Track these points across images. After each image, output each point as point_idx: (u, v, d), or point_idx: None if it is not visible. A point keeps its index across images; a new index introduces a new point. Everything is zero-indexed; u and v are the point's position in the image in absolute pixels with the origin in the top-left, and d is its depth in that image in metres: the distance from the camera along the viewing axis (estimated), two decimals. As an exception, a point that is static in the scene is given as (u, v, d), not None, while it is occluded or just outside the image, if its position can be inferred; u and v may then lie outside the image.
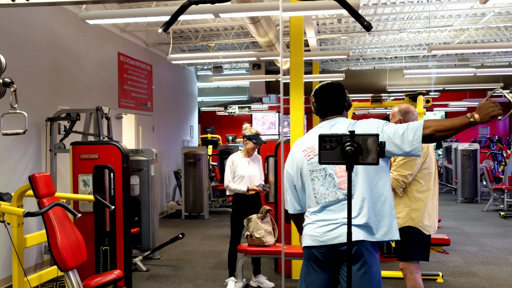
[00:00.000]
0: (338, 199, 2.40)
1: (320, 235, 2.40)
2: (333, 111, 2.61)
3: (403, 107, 3.64)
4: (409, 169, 3.40)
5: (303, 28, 5.66)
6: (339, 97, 2.62)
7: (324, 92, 2.64)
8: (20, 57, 5.53)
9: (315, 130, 2.61)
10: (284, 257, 3.80)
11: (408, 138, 2.33)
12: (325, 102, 2.62)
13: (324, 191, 2.44)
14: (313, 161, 2.48)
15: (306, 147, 2.55)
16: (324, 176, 2.45)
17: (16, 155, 5.47)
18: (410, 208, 3.44)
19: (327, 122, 2.59)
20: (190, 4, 2.17)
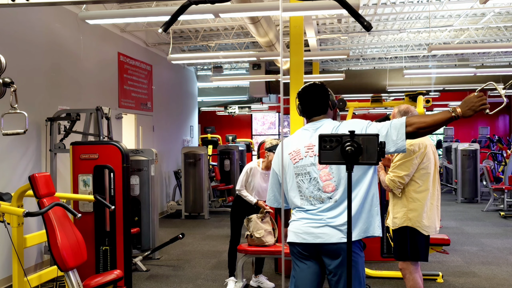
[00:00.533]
0: (323, 202, 2.47)
1: (303, 233, 2.49)
2: (317, 112, 2.64)
3: (403, 107, 3.64)
4: (405, 169, 3.40)
5: (303, 28, 5.66)
6: (323, 97, 2.65)
7: (308, 93, 2.67)
8: (20, 57, 5.53)
9: (300, 132, 2.66)
10: (284, 257, 3.80)
11: (392, 137, 2.37)
12: (309, 103, 2.65)
13: (309, 194, 2.51)
14: (298, 164, 2.55)
15: (292, 150, 2.61)
16: (309, 179, 2.52)
17: (16, 155, 5.47)
18: (407, 208, 3.44)
19: (312, 124, 2.63)
20: (190, 4, 2.17)
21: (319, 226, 2.45)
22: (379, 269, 5.31)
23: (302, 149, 2.57)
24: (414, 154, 3.40)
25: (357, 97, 14.38)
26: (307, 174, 2.52)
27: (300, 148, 2.58)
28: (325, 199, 2.47)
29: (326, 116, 2.65)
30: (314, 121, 2.65)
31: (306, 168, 2.53)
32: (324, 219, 2.45)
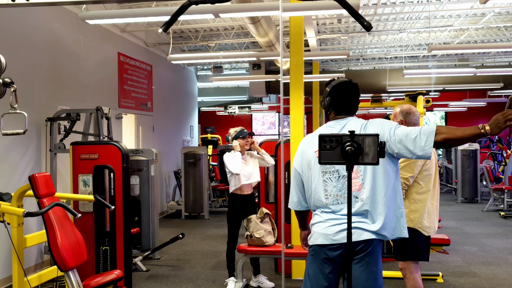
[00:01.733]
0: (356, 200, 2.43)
1: (333, 234, 2.43)
2: (349, 111, 2.61)
3: (405, 107, 3.61)
4: (410, 171, 3.39)
5: (303, 28, 5.66)
6: (356, 98, 2.64)
7: (344, 90, 2.62)
8: (20, 57, 5.53)
9: (325, 129, 2.60)
10: (284, 257, 3.80)
11: (421, 143, 2.35)
12: (345, 101, 2.61)
13: (337, 193, 2.46)
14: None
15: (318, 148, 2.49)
16: (338, 178, 2.47)
17: (16, 155, 5.47)
18: (409, 210, 3.44)
19: (337, 122, 2.58)
20: (190, 4, 2.17)
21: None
22: (379, 269, 5.31)
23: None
24: None
25: (357, 97, 14.34)
26: (336, 171, 2.47)
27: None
28: (353, 198, 2.42)
29: (351, 116, 2.63)
30: (339, 118, 2.61)
31: (335, 165, 2.45)
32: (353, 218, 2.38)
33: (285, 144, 5.35)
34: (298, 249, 4.70)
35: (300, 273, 5.20)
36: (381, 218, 2.40)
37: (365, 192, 2.42)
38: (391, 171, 2.45)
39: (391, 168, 2.45)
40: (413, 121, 3.57)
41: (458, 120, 18.24)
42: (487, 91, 14.84)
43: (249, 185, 4.90)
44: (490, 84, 12.11)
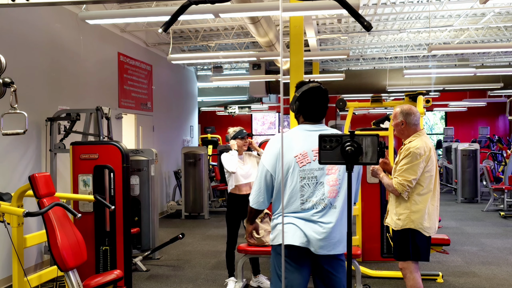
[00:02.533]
0: (325, 207, 2.49)
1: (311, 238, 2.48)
2: (316, 117, 2.65)
3: (406, 108, 3.59)
4: (413, 174, 3.38)
5: (303, 28, 5.66)
6: (325, 104, 2.70)
7: (312, 96, 2.65)
8: (20, 57, 5.53)
9: (303, 134, 2.60)
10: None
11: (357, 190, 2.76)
12: (311, 107, 2.64)
13: (313, 198, 2.50)
14: (305, 168, 2.51)
15: (298, 152, 2.55)
16: (315, 184, 2.50)
17: (16, 155, 5.47)
18: (410, 211, 3.44)
19: (314, 126, 2.62)
20: (190, 4, 2.17)
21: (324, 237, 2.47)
22: (379, 269, 5.31)
23: (309, 153, 2.53)
24: (421, 158, 3.39)
25: (357, 97, 14.38)
26: (314, 178, 2.50)
27: (307, 152, 2.54)
28: (327, 204, 2.49)
29: (320, 122, 2.69)
30: (313, 124, 2.64)
31: (314, 172, 2.51)
32: (323, 227, 2.47)
33: (285, 144, 5.34)
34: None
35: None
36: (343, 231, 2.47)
37: (339, 200, 2.51)
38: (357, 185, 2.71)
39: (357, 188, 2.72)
40: (414, 122, 3.56)
41: (458, 120, 18.24)
42: (487, 91, 14.84)
43: (247, 185, 4.90)
44: (490, 84, 12.11)
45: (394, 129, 3.70)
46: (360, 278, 4.52)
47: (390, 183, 3.50)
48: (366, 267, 5.25)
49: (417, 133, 3.55)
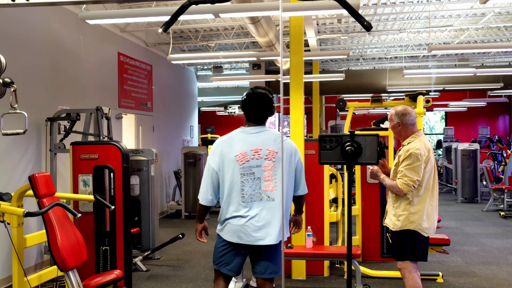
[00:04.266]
0: (262, 199, 2.83)
1: (245, 235, 2.83)
2: (257, 120, 2.97)
3: (400, 109, 3.57)
4: (416, 175, 3.38)
5: (303, 28, 5.66)
6: (264, 109, 2.97)
7: (253, 100, 2.97)
8: (20, 57, 5.52)
9: (243, 135, 2.94)
10: (284, 257, 3.80)
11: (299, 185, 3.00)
12: (251, 110, 2.96)
13: (252, 192, 2.83)
14: (245, 165, 2.85)
15: (238, 152, 2.88)
16: (253, 179, 2.84)
17: (16, 155, 5.47)
18: (409, 212, 3.44)
19: (256, 129, 2.95)
20: (190, 4, 2.17)
21: (259, 228, 2.81)
22: (379, 269, 5.31)
23: (248, 152, 2.87)
24: (422, 159, 3.39)
25: (357, 97, 14.38)
26: (252, 174, 2.83)
27: (246, 151, 2.87)
28: (263, 197, 2.83)
29: (264, 124, 3.01)
30: (254, 126, 2.96)
31: (252, 169, 2.84)
32: (261, 219, 2.81)
33: (285, 144, 5.34)
34: (298, 249, 4.71)
35: (300, 273, 5.21)
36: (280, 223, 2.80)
37: (276, 193, 2.82)
38: (293, 184, 2.95)
39: (293, 183, 2.95)
40: (410, 122, 3.54)
41: (458, 120, 18.24)
42: (487, 91, 14.84)
43: None
44: (490, 84, 12.12)
45: (392, 132, 3.70)
46: (360, 278, 4.52)
47: (394, 184, 3.46)
48: (366, 267, 5.25)
49: (415, 133, 3.54)
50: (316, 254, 4.68)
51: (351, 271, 3.46)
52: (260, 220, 2.82)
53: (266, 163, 2.84)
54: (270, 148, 2.88)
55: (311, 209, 5.27)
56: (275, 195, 2.82)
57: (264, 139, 2.88)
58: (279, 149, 2.86)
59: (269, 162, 2.84)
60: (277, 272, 2.98)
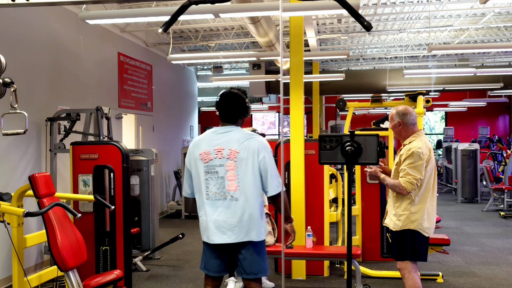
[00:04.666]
0: (226, 199, 2.90)
1: (211, 234, 2.92)
2: (228, 119, 3.03)
3: (401, 109, 3.57)
4: (419, 173, 3.38)
5: (303, 28, 5.66)
6: (235, 109, 3.03)
7: (223, 100, 3.05)
8: (20, 57, 5.53)
9: (209, 135, 3.03)
10: (284, 257, 3.80)
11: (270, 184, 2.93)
12: (222, 110, 3.04)
13: (216, 191, 2.92)
14: (208, 164, 2.95)
15: (202, 151, 2.98)
16: (217, 178, 2.92)
17: (16, 155, 5.47)
18: (409, 212, 3.43)
19: (222, 129, 3.02)
20: (190, 4, 2.17)
21: (221, 228, 2.89)
22: (379, 269, 5.31)
23: (212, 151, 2.95)
24: (424, 158, 3.39)
25: (357, 97, 14.38)
26: (216, 173, 2.92)
27: (210, 150, 2.96)
28: (227, 196, 2.89)
29: (236, 124, 3.04)
30: (225, 125, 3.03)
31: (215, 168, 2.92)
32: (224, 218, 2.88)
33: (285, 144, 5.35)
34: (298, 249, 4.71)
35: (300, 273, 5.21)
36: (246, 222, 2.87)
37: (239, 193, 2.88)
38: (259, 185, 2.93)
39: (259, 183, 2.93)
40: (411, 121, 3.55)
41: (458, 120, 18.24)
42: (487, 91, 14.83)
43: None
44: (490, 84, 12.11)
45: (393, 132, 3.69)
46: (360, 278, 4.52)
47: (396, 183, 3.44)
48: (366, 267, 5.25)
49: (416, 133, 3.55)
50: (316, 254, 4.68)
51: (351, 271, 3.46)
52: (224, 219, 2.89)
53: (228, 162, 2.91)
54: (232, 148, 2.93)
55: (311, 209, 5.27)
56: (238, 194, 2.88)
57: (229, 139, 2.94)
58: (241, 149, 2.91)
59: (231, 162, 2.91)
60: (256, 273, 2.96)
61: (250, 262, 2.94)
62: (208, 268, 3.02)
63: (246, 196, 2.88)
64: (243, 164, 2.90)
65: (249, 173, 2.90)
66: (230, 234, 2.88)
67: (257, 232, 2.92)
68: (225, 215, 2.89)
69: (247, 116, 3.13)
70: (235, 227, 2.88)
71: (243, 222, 2.88)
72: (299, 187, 5.19)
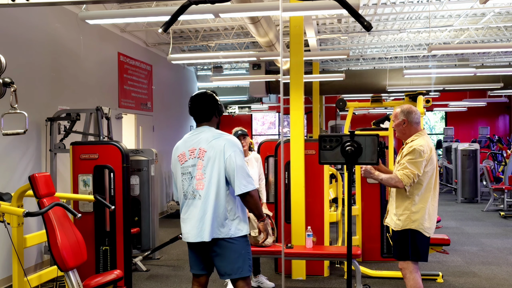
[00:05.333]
0: (195, 198, 2.97)
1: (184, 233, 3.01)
2: (200, 119, 3.10)
3: (406, 107, 3.59)
4: (417, 170, 3.37)
5: (303, 28, 5.66)
6: (208, 107, 3.08)
7: (195, 101, 3.10)
8: (20, 57, 5.53)
9: (186, 137, 3.11)
10: (284, 257, 3.80)
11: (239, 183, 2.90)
12: (195, 110, 3.10)
13: (189, 190, 3.00)
14: (183, 165, 3.02)
15: (179, 153, 3.07)
16: (190, 178, 2.99)
17: (16, 155, 5.47)
18: (410, 211, 3.43)
19: (197, 130, 3.08)
20: (190, 4, 2.17)
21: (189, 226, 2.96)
22: (379, 269, 5.31)
23: (186, 152, 3.03)
24: (424, 156, 3.38)
25: (357, 97, 14.38)
26: (189, 173, 2.99)
27: (185, 151, 3.03)
28: (196, 195, 2.96)
29: (209, 124, 3.09)
30: (199, 126, 3.09)
31: (188, 168, 3.00)
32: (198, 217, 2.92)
33: (285, 144, 5.35)
34: (298, 249, 4.71)
35: (300, 273, 5.21)
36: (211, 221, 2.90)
37: (205, 191, 2.93)
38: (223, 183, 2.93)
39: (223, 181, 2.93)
40: (415, 120, 3.57)
41: (458, 120, 18.24)
42: (487, 91, 14.83)
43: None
44: (490, 84, 12.11)
45: (396, 130, 3.69)
46: (360, 278, 4.52)
47: (392, 176, 3.43)
48: (366, 267, 5.25)
49: (419, 132, 3.56)
50: (316, 254, 4.68)
51: (351, 271, 3.46)
52: (191, 218, 2.96)
53: (198, 162, 2.97)
54: (201, 147, 2.98)
55: (311, 209, 5.27)
56: (204, 193, 2.93)
57: (199, 139, 2.99)
58: (208, 148, 2.95)
59: (200, 161, 2.96)
60: (230, 274, 2.98)
61: (221, 262, 2.98)
62: (191, 266, 3.14)
63: (211, 195, 2.91)
64: (210, 163, 2.93)
65: (215, 172, 2.92)
66: (197, 232, 2.93)
67: (226, 230, 2.93)
68: (193, 213, 2.96)
69: (222, 114, 3.16)
70: (201, 226, 2.92)
71: (207, 220, 2.90)
72: (299, 187, 5.19)
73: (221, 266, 2.99)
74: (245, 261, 3.00)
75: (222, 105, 3.17)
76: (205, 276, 3.15)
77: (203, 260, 3.08)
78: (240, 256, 2.98)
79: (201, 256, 3.07)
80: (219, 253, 2.97)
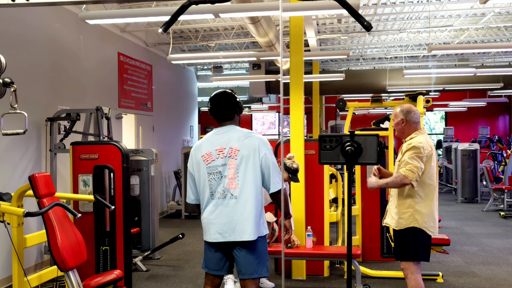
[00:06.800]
0: (225, 197, 2.93)
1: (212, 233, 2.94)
2: (223, 118, 3.08)
3: (405, 107, 3.61)
4: (419, 163, 3.36)
5: (303, 28, 5.66)
6: (231, 105, 3.07)
7: (217, 100, 3.10)
8: (20, 57, 5.52)
9: (210, 136, 3.08)
10: (284, 257, 3.80)
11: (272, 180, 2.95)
12: (215, 110, 3.10)
13: (219, 190, 2.95)
14: (210, 165, 2.98)
15: (204, 153, 3.03)
16: (220, 178, 2.96)
17: (16, 155, 5.47)
18: (414, 209, 3.43)
19: (221, 129, 3.07)
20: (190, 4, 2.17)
21: (221, 226, 2.91)
22: (379, 269, 5.31)
23: (213, 152, 2.99)
24: (424, 152, 3.39)
25: (357, 97, 14.38)
26: (219, 173, 2.95)
27: (211, 151, 3.00)
28: (227, 195, 2.92)
29: (232, 122, 3.09)
30: (223, 126, 3.08)
31: (218, 167, 2.96)
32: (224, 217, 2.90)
33: (285, 144, 5.35)
34: (298, 249, 4.71)
35: (300, 273, 5.21)
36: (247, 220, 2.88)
37: (238, 191, 2.90)
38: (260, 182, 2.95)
39: (260, 180, 2.95)
40: (414, 120, 3.57)
41: (458, 120, 18.24)
42: (487, 91, 14.83)
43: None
44: (490, 84, 12.11)
45: (395, 129, 3.71)
46: (360, 278, 4.52)
47: (396, 175, 3.42)
48: (366, 267, 5.25)
49: (418, 131, 3.57)
50: (316, 254, 4.68)
51: (351, 271, 3.46)
52: (224, 218, 2.91)
53: (230, 161, 2.94)
54: (233, 147, 2.96)
55: (311, 209, 5.27)
56: (238, 192, 2.90)
57: (229, 138, 2.98)
58: (241, 146, 2.95)
59: (232, 160, 2.94)
60: (251, 273, 2.96)
61: (245, 262, 2.95)
62: (209, 267, 3.06)
63: (245, 194, 2.90)
64: (244, 162, 2.92)
65: (250, 171, 2.91)
66: (227, 232, 2.90)
67: (255, 231, 2.91)
68: (223, 213, 2.92)
69: (242, 112, 3.16)
70: (232, 226, 2.90)
71: (240, 220, 2.89)
72: (299, 187, 5.19)
73: (242, 266, 2.96)
74: (266, 261, 3.03)
75: (242, 103, 3.17)
76: (221, 277, 3.12)
77: (224, 261, 3.04)
78: (262, 257, 3.00)
79: (223, 257, 3.02)
80: (243, 253, 2.95)
